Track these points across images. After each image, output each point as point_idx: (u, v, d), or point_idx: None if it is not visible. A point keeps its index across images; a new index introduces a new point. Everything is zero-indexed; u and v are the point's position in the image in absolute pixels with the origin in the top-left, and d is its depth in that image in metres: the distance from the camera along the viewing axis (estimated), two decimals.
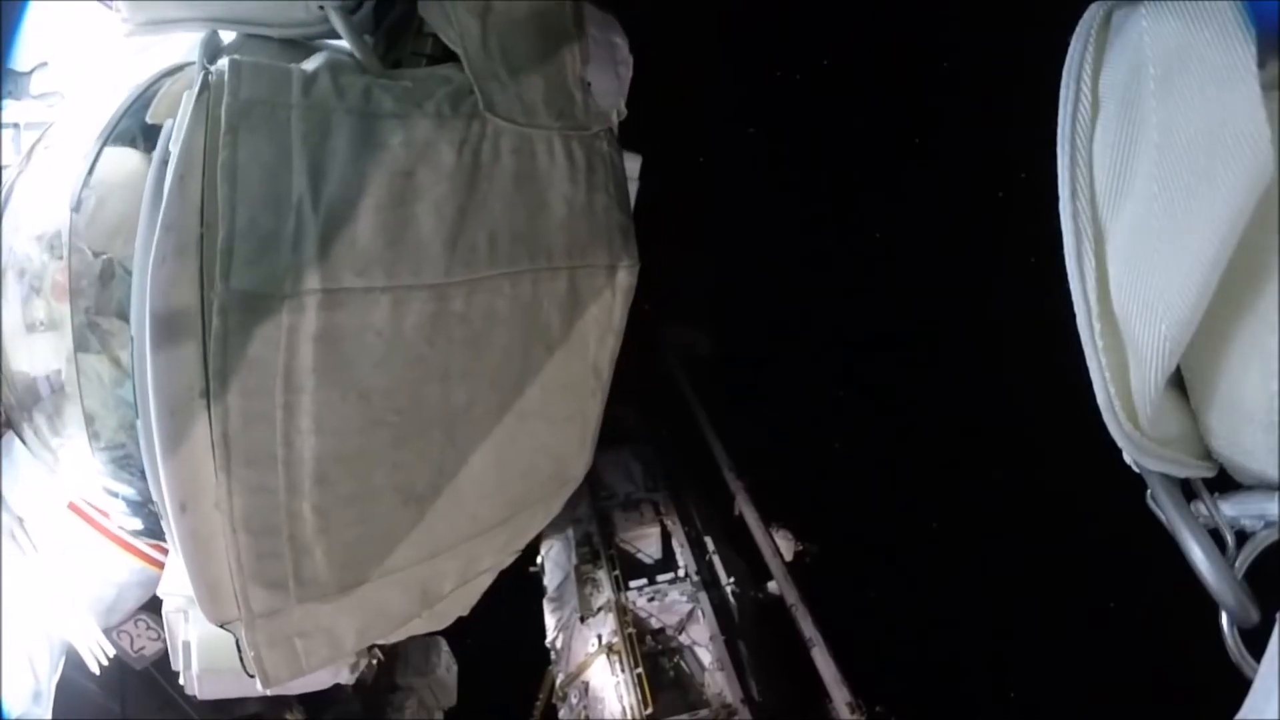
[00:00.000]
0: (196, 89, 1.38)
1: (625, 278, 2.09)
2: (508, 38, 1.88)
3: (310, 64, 1.57)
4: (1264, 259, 0.71)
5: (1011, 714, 12.82)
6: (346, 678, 1.98)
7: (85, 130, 1.82)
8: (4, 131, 2.15)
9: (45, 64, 2.17)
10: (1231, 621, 0.78)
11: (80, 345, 1.65)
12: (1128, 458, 0.82)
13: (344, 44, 1.65)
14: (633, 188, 2.61)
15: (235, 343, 1.33)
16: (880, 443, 13.32)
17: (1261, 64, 0.64)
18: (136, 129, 1.75)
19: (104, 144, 1.74)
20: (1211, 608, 0.79)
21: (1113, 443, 0.80)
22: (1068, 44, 0.79)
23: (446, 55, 1.83)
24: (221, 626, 1.41)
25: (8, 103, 2.08)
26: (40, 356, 1.75)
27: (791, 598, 8.58)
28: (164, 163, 1.40)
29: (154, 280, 1.29)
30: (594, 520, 9.82)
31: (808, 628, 8.18)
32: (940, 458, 12.80)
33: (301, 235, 1.41)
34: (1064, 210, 0.78)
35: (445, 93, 1.71)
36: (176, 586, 1.69)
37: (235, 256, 1.34)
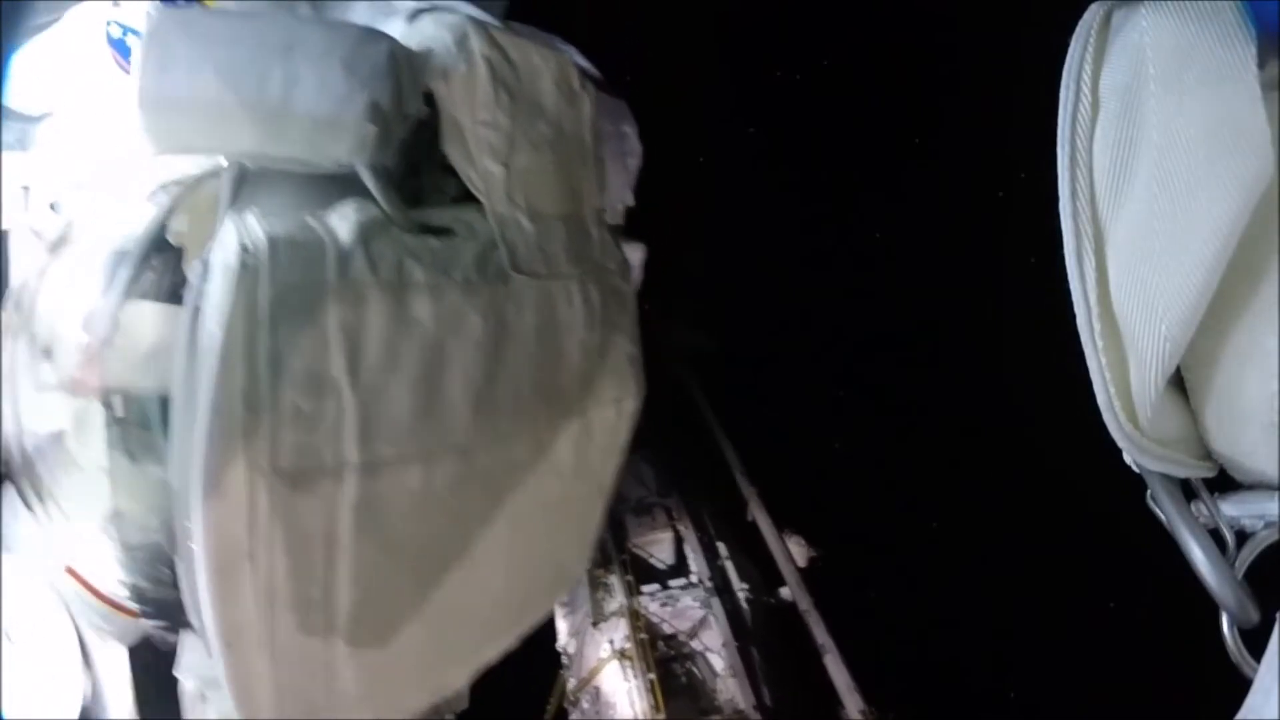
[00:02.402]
0: (234, 269, 1.38)
1: (631, 405, 2.18)
2: (531, 183, 1.90)
3: (342, 228, 1.56)
4: (1264, 259, 0.71)
5: (1011, 714, 12.83)
6: None
7: (108, 244, 1.81)
8: (12, 193, 2.10)
9: (51, 113, 2.09)
10: (1231, 621, 0.78)
11: (113, 446, 1.71)
12: (1128, 458, 0.82)
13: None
14: (637, 275, 2.68)
15: (279, 514, 1.43)
16: (880, 442, 13.32)
17: (1261, 64, 0.64)
18: (159, 257, 1.76)
19: (131, 275, 1.73)
20: (1211, 608, 0.79)
21: (1113, 443, 0.80)
22: (1068, 44, 0.79)
23: (469, 195, 1.84)
24: None
25: (14, 155, 2.04)
26: (47, 415, 1.78)
27: (804, 604, 8.55)
28: (195, 315, 1.41)
29: (202, 462, 1.36)
30: (606, 525, 9.73)
31: (820, 634, 8.16)
32: (940, 458, 12.80)
33: (341, 415, 1.48)
34: (1064, 210, 0.78)
35: (472, 255, 1.73)
36: (194, 668, 1.75)
37: (280, 440, 1.41)
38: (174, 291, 1.64)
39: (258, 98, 1.43)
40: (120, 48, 1.89)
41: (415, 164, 1.84)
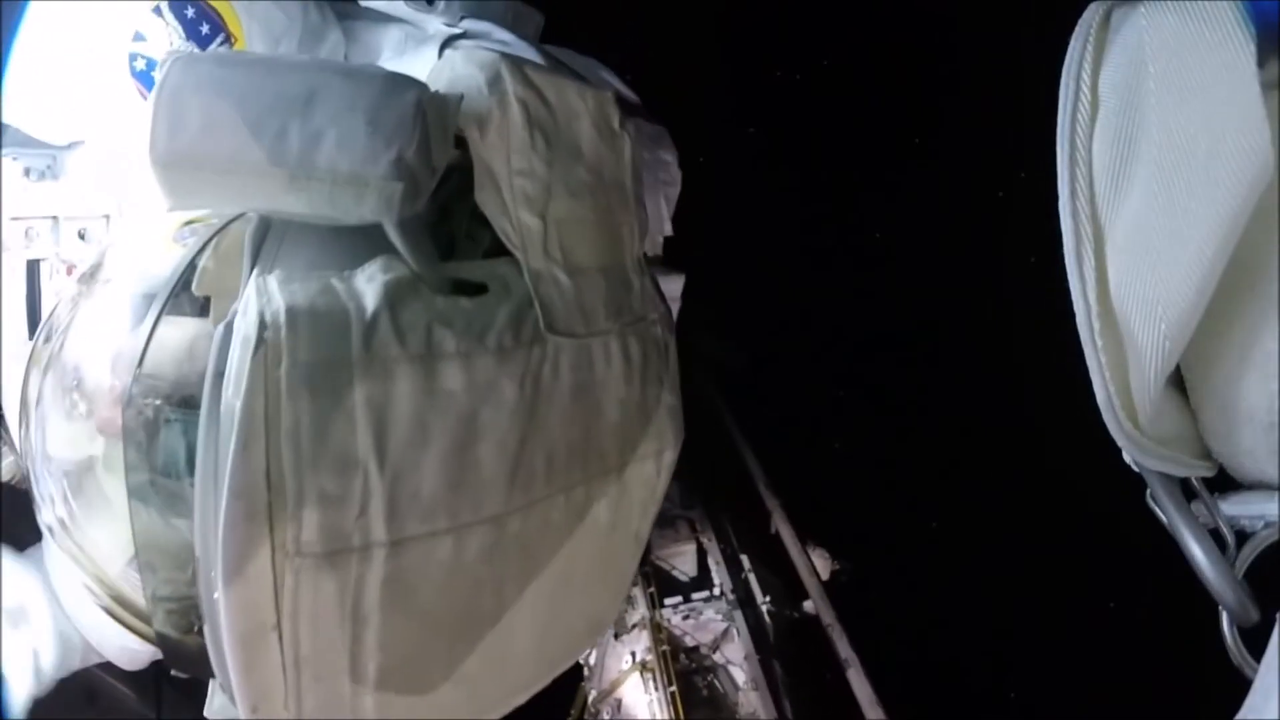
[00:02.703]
0: (253, 344, 1.31)
1: (670, 456, 2.08)
2: (569, 234, 1.80)
3: (368, 292, 1.47)
4: (1264, 259, 0.71)
5: (1011, 714, 12.83)
6: None
7: (137, 283, 1.74)
8: (42, 222, 2.08)
9: (82, 142, 2.08)
10: (1231, 621, 0.79)
11: (136, 495, 1.63)
12: (1127, 457, 0.82)
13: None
14: (675, 308, 2.57)
15: (305, 592, 1.38)
16: (880, 442, 13.32)
17: (1261, 63, 0.64)
18: (185, 300, 1.69)
19: (156, 320, 1.65)
20: (1211, 608, 0.79)
21: (1112, 442, 0.80)
22: (1067, 43, 0.79)
23: (502, 248, 1.74)
24: None
25: (44, 184, 2.01)
26: (78, 443, 1.72)
27: (828, 617, 8.50)
28: (218, 380, 1.35)
29: (225, 544, 1.31)
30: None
31: (843, 648, 8.12)
32: (940, 458, 12.81)
33: (369, 496, 1.42)
34: (1064, 210, 0.78)
35: (507, 317, 1.63)
36: (226, 710, 1.69)
37: (304, 524, 1.36)
38: (197, 341, 1.58)
39: (276, 156, 1.37)
40: (145, 80, 1.87)
41: (447, 208, 1.76)
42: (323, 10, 2.12)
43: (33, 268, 2.09)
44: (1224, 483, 0.83)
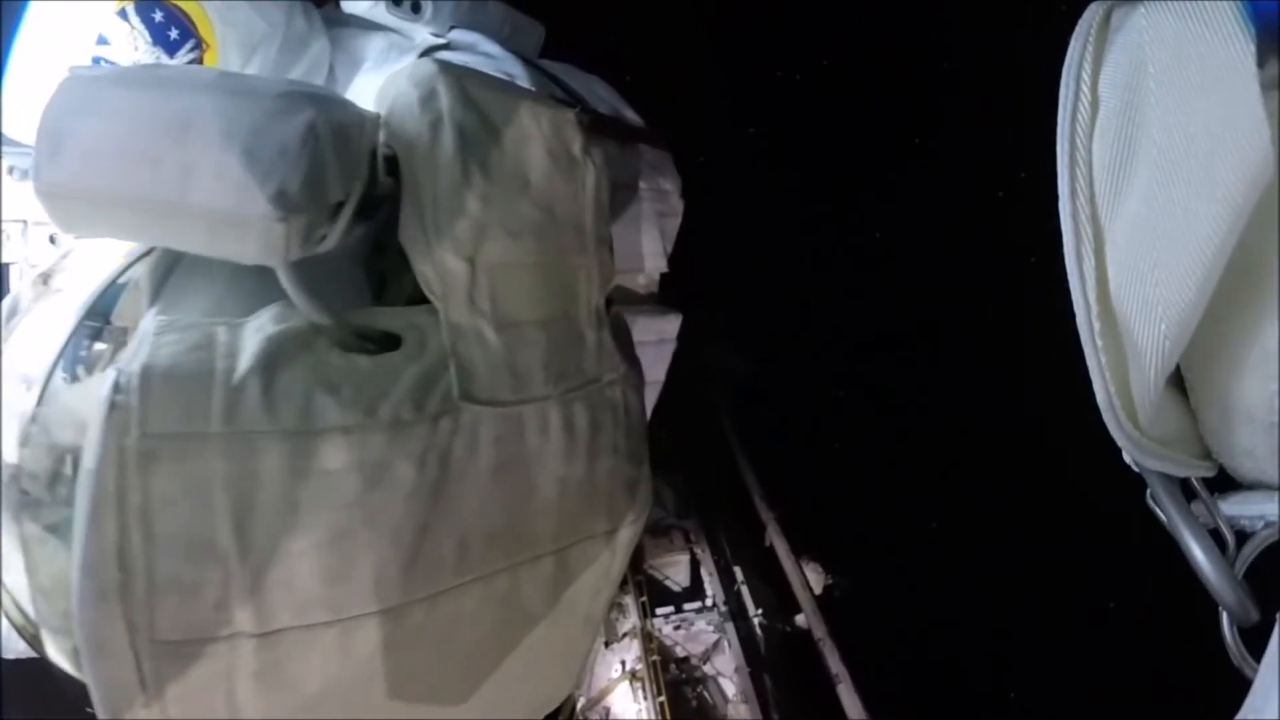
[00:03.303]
0: (105, 407, 1.17)
1: (628, 534, 1.78)
2: (504, 282, 1.54)
3: (249, 347, 1.29)
4: (1264, 259, 0.71)
5: (1011, 714, 12.84)
6: None
7: (83, 290, 1.60)
8: (13, 225, 2.02)
9: None
10: (1231, 621, 0.78)
11: (17, 513, 1.47)
12: (1127, 457, 0.82)
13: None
14: (668, 349, 2.31)
15: (170, 678, 1.25)
16: (880, 442, 13.33)
17: (1261, 63, 0.64)
18: (101, 329, 1.54)
19: (63, 348, 1.51)
20: (1211, 608, 0.79)
21: (1112, 442, 0.80)
22: (1067, 43, 0.79)
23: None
24: None
25: (18, 184, 1.96)
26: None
27: (819, 632, 8.55)
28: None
29: (80, 622, 1.19)
30: None
31: (834, 663, 8.15)
32: (940, 458, 12.82)
33: (229, 585, 1.26)
34: (1063, 210, 0.78)
35: (412, 382, 1.40)
36: None
37: (158, 609, 1.22)
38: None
39: (151, 189, 1.21)
40: None
41: (381, 243, 1.56)
42: (309, 16, 1.99)
43: (2, 271, 2.05)
44: (1224, 483, 0.83)
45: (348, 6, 2.14)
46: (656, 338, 2.38)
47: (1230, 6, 0.65)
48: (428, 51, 2.02)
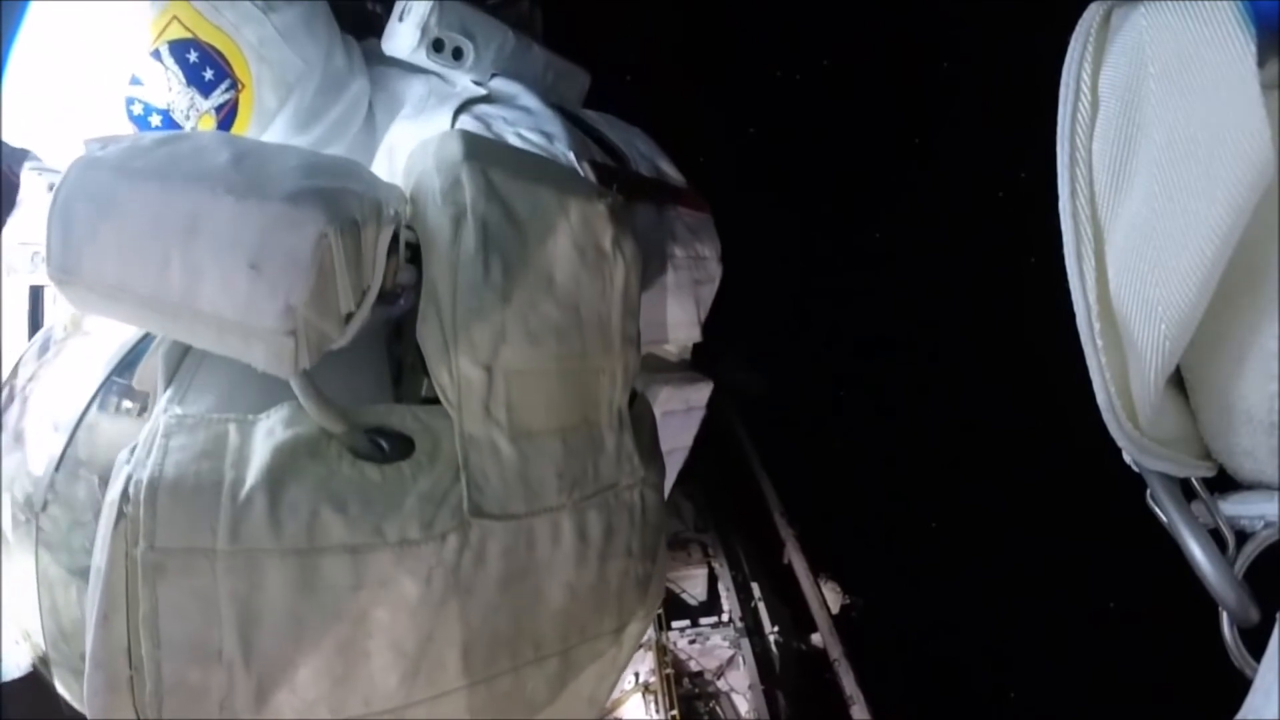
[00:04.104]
0: (114, 514, 1.21)
1: (637, 628, 1.74)
2: (522, 390, 1.51)
3: (257, 456, 1.33)
4: (1264, 259, 0.71)
5: (1011, 714, 12.84)
6: None
7: (106, 347, 1.59)
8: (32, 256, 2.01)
9: None
10: (1231, 621, 0.78)
11: (42, 573, 1.52)
12: (1127, 457, 0.82)
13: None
14: (697, 417, 2.24)
15: None
16: (880, 442, 13.34)
17: (1261, 63, 0.64)
18: (126, 391, 1.55)
19: (84, 411, 1.53)
20: (1211, 608, 0.79)
21: (1112, 442, 0.80)
22: (1067, 44, 0.79)
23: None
24: None
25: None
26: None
27: (835, 652, 8.50)
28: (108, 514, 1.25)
29: (91, 705, 1.24)
30: None
31: (849, 684, 8.09)
32: (940, 458, 12.83)
33: (234, 688, 1.29)
34: (1063, 210, 0.78)
35: (420, 499, 1.39)
36: None
37: (165, 708, 1.25)
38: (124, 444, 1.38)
39: (158, 290, 1.20)
40: (143, 125, 1.75)
41: (402, 327, 1.53)
42: (350, 54, 1.93)
43: (36, 294, 2.03)
44: (1224, 483, 0.83)
45: (389, 49, 2.08)
46: (685, 406, 2.31)
47: (1230, 6, 0.65)
48: (466, 104, 1.96)
